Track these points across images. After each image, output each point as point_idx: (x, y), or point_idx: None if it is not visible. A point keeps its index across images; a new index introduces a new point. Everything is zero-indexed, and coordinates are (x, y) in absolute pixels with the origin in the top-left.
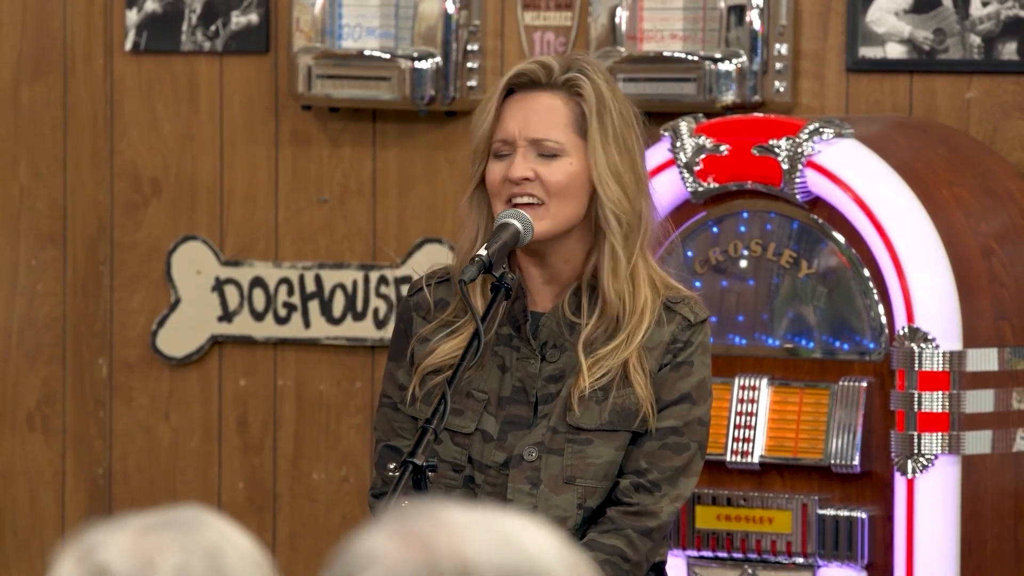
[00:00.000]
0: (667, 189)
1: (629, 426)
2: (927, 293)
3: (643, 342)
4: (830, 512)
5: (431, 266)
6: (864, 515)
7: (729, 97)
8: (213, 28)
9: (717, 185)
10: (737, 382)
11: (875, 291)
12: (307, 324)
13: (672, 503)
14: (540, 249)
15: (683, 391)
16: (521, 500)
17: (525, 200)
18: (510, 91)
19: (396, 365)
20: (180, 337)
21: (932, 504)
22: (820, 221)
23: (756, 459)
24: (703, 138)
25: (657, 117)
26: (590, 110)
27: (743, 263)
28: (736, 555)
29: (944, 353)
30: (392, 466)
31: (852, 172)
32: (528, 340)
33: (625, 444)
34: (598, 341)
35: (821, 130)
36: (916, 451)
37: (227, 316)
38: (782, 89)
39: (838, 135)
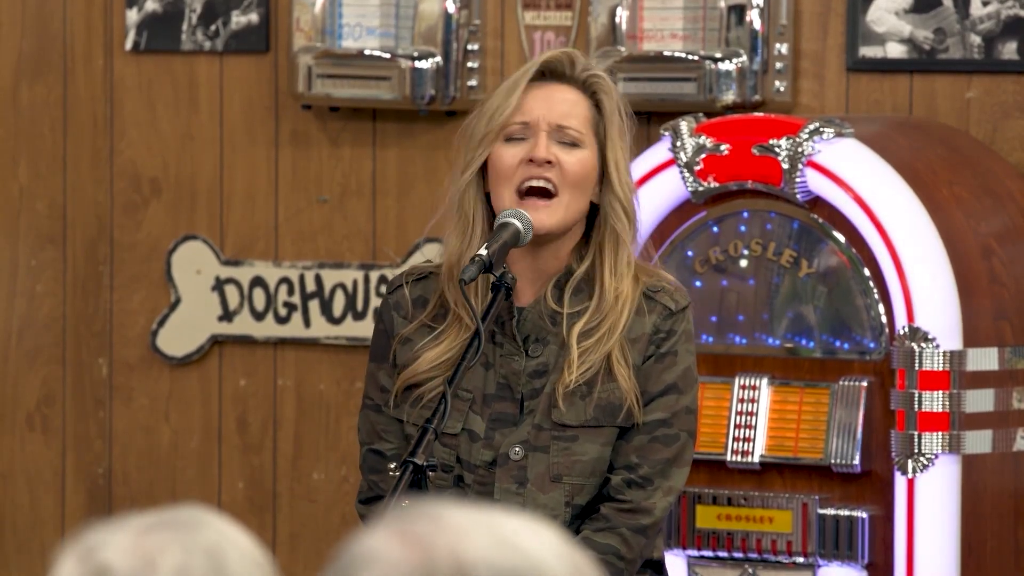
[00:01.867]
0: (667, 189)
1: (614, 421)
2: (927, 293)
3: (624, 333)
4: (830, 512)
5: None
6: (864, 515)
7: (729, 97)
8: (213, 28)
9: (717, 185)
10: (737, 382)
11: (875, 291)
12: (307, 324)
13: (665, 496)
14: (538, 242)
15: (668, 382)
16: (508, 500)
17: (540, 184)
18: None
19: (377, 367)
20: (180, 337)
21: (932, 504)
22: (820, 221)
23: (756, 459)
24: (703, 138)
25: (657, 117)
26: (611, 105)
27: (743, 263)
28: (736, 555)
29: (944, 353)
30: (392, 466)
31: (852, 172)
32: (513, 336)
33: (612, 440)
34: (588, 332)
35: (821, 130)
36: (916, 451)
37: (227, 316)
38: (782, 89)
39: (838, 135)
